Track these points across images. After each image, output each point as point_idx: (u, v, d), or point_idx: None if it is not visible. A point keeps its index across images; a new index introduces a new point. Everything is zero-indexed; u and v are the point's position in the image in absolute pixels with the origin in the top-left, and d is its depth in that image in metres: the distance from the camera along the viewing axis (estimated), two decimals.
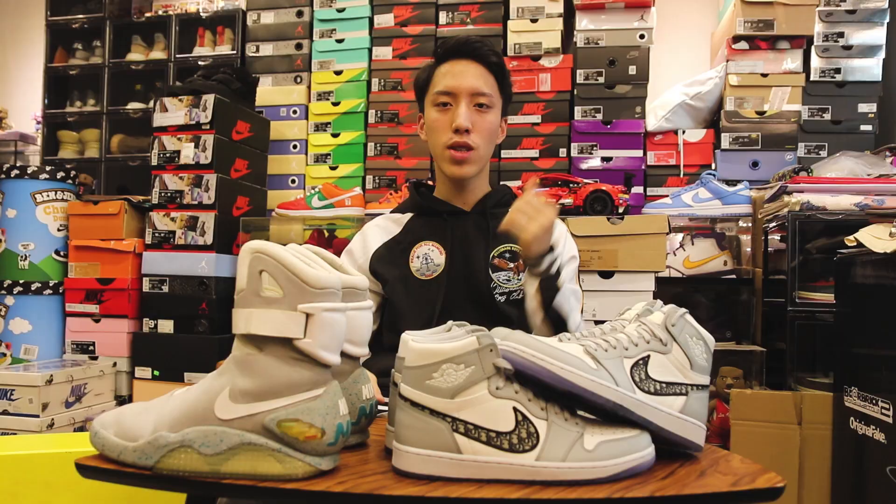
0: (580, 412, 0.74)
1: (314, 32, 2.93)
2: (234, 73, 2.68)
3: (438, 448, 0.69)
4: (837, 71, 2.51)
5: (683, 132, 2.61)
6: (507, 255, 1.29)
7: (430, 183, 1.43)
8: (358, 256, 1.34)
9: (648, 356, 0.76)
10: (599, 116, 2.63)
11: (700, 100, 2.59)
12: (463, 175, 1.29)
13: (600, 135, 2.62)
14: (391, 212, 1.42)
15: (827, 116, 2.52)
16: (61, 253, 2.66)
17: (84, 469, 0.71)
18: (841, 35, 2.48)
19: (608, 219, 2.12)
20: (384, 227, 1.37)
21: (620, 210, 2.21)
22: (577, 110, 2.65)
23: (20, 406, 2.26)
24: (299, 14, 2.93)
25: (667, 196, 2.42)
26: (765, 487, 0.67)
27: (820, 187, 1.94)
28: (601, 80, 2.63)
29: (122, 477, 0.70)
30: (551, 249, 1.19)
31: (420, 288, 1.28)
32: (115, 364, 2.55)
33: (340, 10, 2.89)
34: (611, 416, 0.73)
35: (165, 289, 2.49)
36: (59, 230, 2.66)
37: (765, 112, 2.53)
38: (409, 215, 1.37)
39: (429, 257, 1.29)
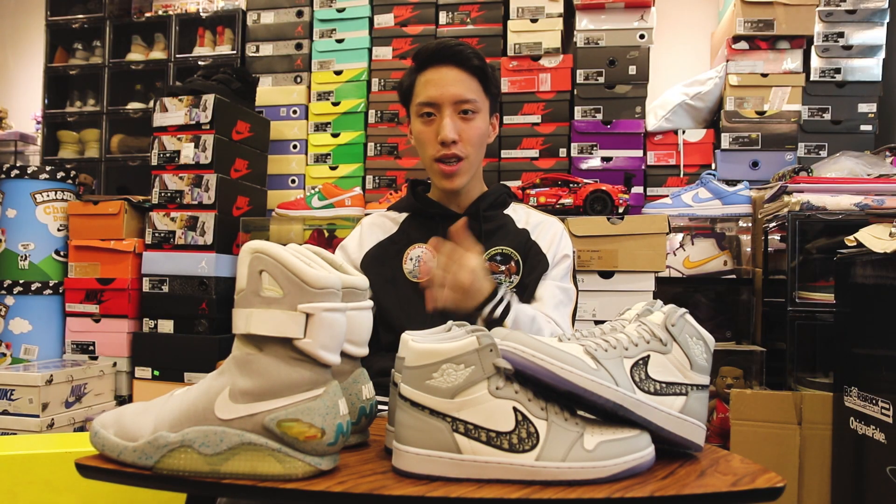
0: (580, 412, 0.74)
1: (314, 32, 2.93)
2: (234, 73, 2.68)
3: (438, 448, 0.69)
4: (837, 71, 2.51)
5: (683, 132, 2.61)
6: (499, 257, 1.28)
7: (429, 181, 1.42)
8: (351, 252, 1.34)
9: (648, 356, 0.76)
10: (599, 116, 2.63)
11: (700, 100, 2.59)
12: (454, 188, 1.28)
13: (600, 135, 2.62)
14: (389, 208, 1.41)
15: (827, 116, 2.52)
16: (61, 253, 2.66)
17: (84, 469, 0.71)
18: (841, 35, 2.49)
19: (608, 219, 2.12)
20: (380, 224, 1.37)
21: (620, 210, 2.21)
22: (577, 110, 2.65)
23: (20, 406, 2.26)
24: (299, 14, 2.93)
25: (667, 196, 2.42)
26: (765, 487, 0.67)
27: (820, 187, 1.94)
28: (601, 80, 2.63)
29: (122, 477, 0.71)
30: (493, 295, 1.11)
31: (412, 290, 1.27)
32: (115, 364, 2.55)
33: (340, 10, 2.89)
34: (611, 416, 0.73)
35: (165, 289, 2.49)
36: (59, 230, 2.66)
37: (765, 112, 2.53)
38: (405, 215, 1.37)
39: (421, 260, 1.29)
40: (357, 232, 1.38)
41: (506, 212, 1.36)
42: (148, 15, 3.19)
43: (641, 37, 2.62)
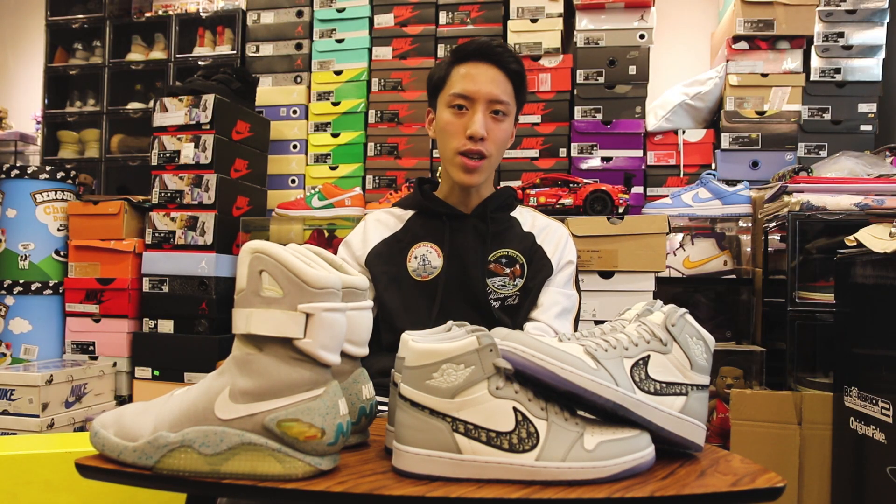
0: (580, 412, 0.74)
1: (314, 32, 2.93)
2: (234, 73, 2.68)
3: (438, 448, 0.69)
4: (837, 71, 2.51)
5: (683, 132, 2.61)
6: (504, 260, 1.28)
7: (437, 179, 1.41)
8: (356, 249, 1.33)
9: (648, 356, 0.76)
10: (599, 116, 2.63)
11: (700, 100, 2.59)
12: (472, 183, 1.27)
13: (600, 135, 2.62)
14: (394, 205, 1.40)
15: (827, 116, 2.52)
16: (61, 253, 2.66)
17: (84, 469, 0.71)
18: (841, 35, 2.49)
19: (608, 219, 2.12)
20: (385, 221, 1.36)
21: (620, 210, 2.21)
22: (577, 110, 2.65)
23: (20, 406, 2.26)
24: (299, 14, 2.93)
25: (667, 196, 2.42)
26: (765, 487, 0.67)
27: (820, 187, 1.94)
28: (601, 80, 2.63)
29: (122, 477, 0.70)
30: None
31: (416, 289, 1.27)
32: (115, 364, 2.55)
33: (340, 10, 2.89)
34: (611, 416, 0.73)
35: (165, 289, 2.49)
36: (59, 230, 2.66)
37: (765, 112, 2.53)
38: (410, 213, 1.36)
39: (426, 259, 1.28)
40: (361, 228, 1.37)
41: (512, 214, 1.36)
42: (148, 15, 3.19)
43: (641, 37, 2.62)
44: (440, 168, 1.36)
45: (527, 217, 1.36)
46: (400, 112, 2.80)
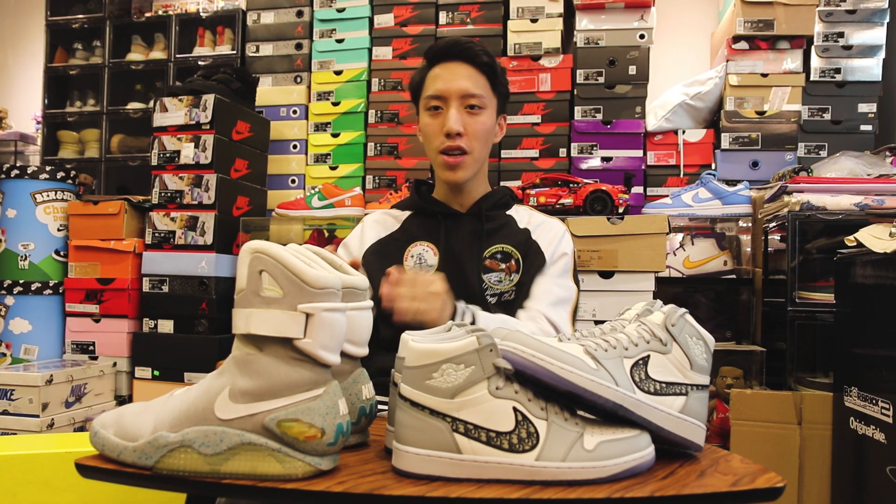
0: (580, 412, 0.74)
1: (314, 32, 2.93)
2: (234, 73, 2.68)
3: (438, 448, 0.69)
4: (837, 71, 2.51)
5: (683, 132, 2.61)
6: (499, 255, 1.29)
7: (432, 182, 1.43)
8: (353, 248, 1.35)
9: (648, 356, 0.76)
10: (599, 116, 2.63)
11: (700, 100, 2.59)
12: (457, 180, 1.29)
13: (600, 135, 2.62)
14: (392, 206, 1.43)
15: (827, 116, 2.52)
16: (61, 253, 2.66)
17: (84, 469, 0.71)
18: (841, 35, 2.49)
19: (608, 219, 2.12)
20: (383, 221, 1.38)
21: (620, 210, 2.21)
22: (577, 110, 2.65)
23: (20, 406, 2.26)
24: (299, 14, 2.93)
25: (667, 196, 2.42)
26: (765, 487, 0.67)
27: (820, 187, 1.94)
28: (601, 80, 2.63)
29: (122, 477, 0.70)
30: (453, 314, 1.13)
31: None
32: (115, 364, 2.55)
33: (340, 10, 2.89)
34: (611, 416, 0.73)
35: (165, 289, 2.49)
36: (59, 230, 2.66)
37: (765, 112, 2.53)
38: (407, 213, 1.38)
39: (423, 257, 1.30)
40: (359, 229, 1.39)
41: (508, 213, 1.37)
42: (148, 15, 3.19)
43: (641, 37, 2.62)
44: None
45: (523, 215, 1.37)
46: (400, 112, 2.80)
